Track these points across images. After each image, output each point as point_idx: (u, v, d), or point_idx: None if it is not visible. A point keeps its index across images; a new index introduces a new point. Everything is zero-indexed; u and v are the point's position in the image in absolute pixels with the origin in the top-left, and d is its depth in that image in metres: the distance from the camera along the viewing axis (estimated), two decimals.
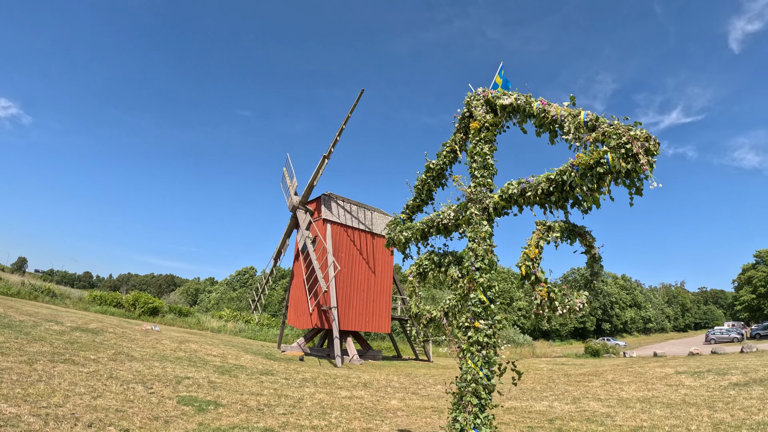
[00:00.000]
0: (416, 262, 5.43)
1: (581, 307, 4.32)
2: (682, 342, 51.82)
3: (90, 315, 24.98)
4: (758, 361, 17.75)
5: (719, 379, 14.06)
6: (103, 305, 32.07)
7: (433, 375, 19.03)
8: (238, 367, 14.45)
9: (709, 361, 20.01)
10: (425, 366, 24.12)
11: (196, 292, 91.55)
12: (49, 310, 22.19)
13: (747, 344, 25.27)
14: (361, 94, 22.92)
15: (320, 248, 23.17)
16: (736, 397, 11.22)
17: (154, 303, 34.44)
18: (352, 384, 13.99)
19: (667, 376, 16.40)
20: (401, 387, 14.28)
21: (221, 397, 9.01)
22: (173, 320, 34.95)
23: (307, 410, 8.65)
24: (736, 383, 13.02)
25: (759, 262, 54.83)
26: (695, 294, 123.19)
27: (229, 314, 43.29)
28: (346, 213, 25.72)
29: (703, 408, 10.32)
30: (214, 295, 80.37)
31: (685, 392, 12.70)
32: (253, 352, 20.81)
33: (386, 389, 13.49)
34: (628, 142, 3.53)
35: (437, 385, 15.23)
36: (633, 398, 12.41)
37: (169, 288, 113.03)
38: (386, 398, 11.54)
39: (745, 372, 14.68)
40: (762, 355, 20.80)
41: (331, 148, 23.78)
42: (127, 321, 26.62)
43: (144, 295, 34.93)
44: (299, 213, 24.68)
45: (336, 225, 24.64)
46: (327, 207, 24.81)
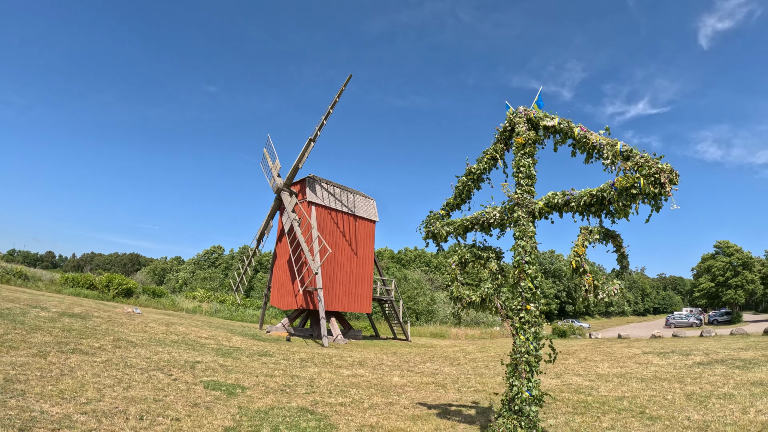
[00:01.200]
0: (458, 253, 6.03)
1: (616, 292, 5.05)
2: (642, 325, 55.25)
3: (67, 298, 24.42)
4: (717, 344, 19.45)
5: (684, 359, 15.44)
6: (76, 287, 31.27)
7: (417, 353, 19.85)
8: (235, 349, 14.74)
9: (672, 344, 21.70)
10: (405, 345, 24.98)
11: (163, 271, 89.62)
12: (26, 294, 21.58)
13: (706, 329, 27.37)
14: (349, 79, 22.97)
15: (306, 230, 23.41)
16: (702, 373, 12.46)
17: (128, 284, 33.82)
18: (348, 363, 14.56)
19: (635, 356, 17.78)
20: (394, 365, 14.97)
21: (240, 380, 9.35)
22: (148, 301, 34.45)
23: (326, 389, 9.14)
24: (700, 362, 14.38)
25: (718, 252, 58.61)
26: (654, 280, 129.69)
27: (202, 294, 42.96)
28: (329, 196, 25.96)
29: (674, 382, 11.46)
30: (182, 274, 79.00)
31: (654, 369, 13.94)
32: (240, 333, 21.01)
33: (381, 367, 14.13)
34: (657, 173, 4.43)
35: (426, 363, 16.02)
36: (609, 374, 13.54)
37: (133, 267, 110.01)
38: (387, 376, 12.17)
39: (707, 353, 16.15)
40: (721, 339, 22.71)
41: (318, 131, 23.83)
42: (104, 303, 26.11)
43: (117, 277, 34.21)
44: (284, 195, 24.74)
45: (320, 207, 24.88)
46: (312, 189, 24.98)
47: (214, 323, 25.43)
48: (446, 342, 30.15)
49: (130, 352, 10.89)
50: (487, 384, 11.51)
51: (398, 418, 7.18)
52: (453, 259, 6.09)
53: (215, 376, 9.47)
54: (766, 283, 53.29)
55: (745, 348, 17.37)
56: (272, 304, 26.86)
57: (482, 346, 25.79)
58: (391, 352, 19.93)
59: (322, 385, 9.59)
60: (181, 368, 9.84)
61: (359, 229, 27.23)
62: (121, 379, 7.91)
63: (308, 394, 8.46)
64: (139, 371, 8.88)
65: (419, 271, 63.99)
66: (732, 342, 20.17)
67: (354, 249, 26.57)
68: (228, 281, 60.99)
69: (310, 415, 6.89)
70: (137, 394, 7.08)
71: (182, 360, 10.94)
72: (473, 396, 9.70)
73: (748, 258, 55.70)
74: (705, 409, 8.19)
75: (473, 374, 13.48)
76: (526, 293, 5.22)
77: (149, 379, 8.32)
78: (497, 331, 42.07)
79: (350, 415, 7.22)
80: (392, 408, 7.96)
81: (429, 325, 41.51)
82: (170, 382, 8.31)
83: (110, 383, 7.52)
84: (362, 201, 28.24)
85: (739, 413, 7.73)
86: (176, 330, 17.27)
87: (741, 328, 27.27)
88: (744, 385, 10.29)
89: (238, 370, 10.50)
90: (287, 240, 26.15)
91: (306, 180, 25.16)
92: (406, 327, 29.28)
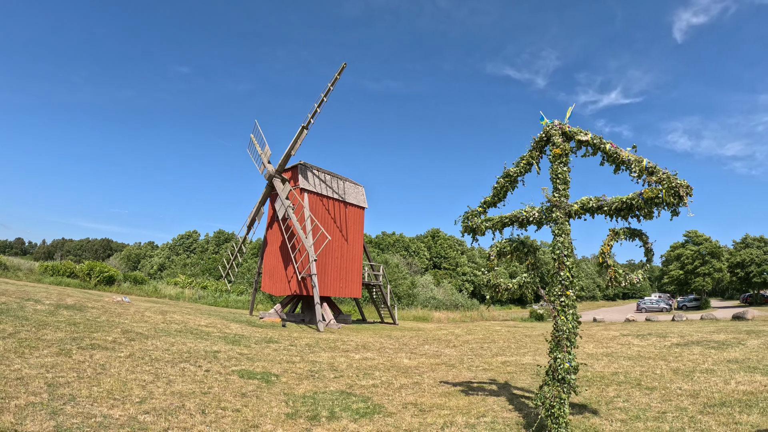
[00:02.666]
0: (496, 245, 6.73)
1: (638, 281, 5.95)
2: (614, 310, 57.98)
3: (52, 288, 24.00)
4: (690, 327, 20.99)
5: (662, 341, 16.70)
6: (56, 276, 30.65)
7: (411, 336, 20.61)
8: (241, 337, 15.08)
9: (647, 327, 23.22)
10: (395, 329, 25.78)
11: (137, 257, 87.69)
12: (12, 286, 21.09)
13: (677, 314, 29.28)
14: (343, 68, 23.12)
15: (302, 218, 23.68)
16: (682, 353, 13.63)
17: (110, 271, 33.33)
18: (353, 347, 15.15)
19: (616, 338, 19.04)
20: (396, 348, 15.66)
21: (267, 367, 9.75)
22: (130, 288, 34.02)
23: (351, 372, 9.72)
24: (677, 344, 15.63)
25: (688, 240, 61.87)
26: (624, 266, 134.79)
27: (184, 281, 42.65)
28: (321, 182, 26.24)
29: (658, 360, 12.55)
30: (156, 259, 77.63)
31: (637, 349, 15.10)
32: (235, 320, 21.27)
33: (386, 351, 14.79)
34: (676, 187, 5.41)
35: (425, 345, 16.78)
36: (598, 353, 14.60)
37: (105, 253, 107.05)
38: (396, 358, 12.84)
39: (682, 336, 17.50)
40: (692, 323, 24.39)
41: (311, 119, 23.95)
42: (89, 292, 25.74)
43: (99, 264, 33.65)
44: (276, 182, 24.88)
45: (312, 194, 25.16)
46: (303, 176, 25.19)
47: (203, 310, 25.57)
48: (432, 325, 31.16)
49: (146, 345, 11.00)
50: (491, 363, 12.33)
51: (432, 396, 7.84)
52: (492, 250, 6.77)
53: (241, 365, 9.83)
54: (733, 272, 56.77)
55: (716, 331, 18.87)
56: (264, 290, 27.12)
57: (468, 329, 26.86)
58: (386, 335, 20.63)
59: (344, 369, 10.15)
60: (205, 359, 10.13)
61: (349, 215, 27.67)
62: (157, 374, 8.02)
63: (338, 378, 9.00)
64: (169, 364, 9.01)
65: (398, 255, 64.97)
66: (703, 326, 21.78)
67: (345, 235, 27.03)
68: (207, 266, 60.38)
69: (354, 397, 7.45)
70: (183, 389, 7.23)
71: (200, 350, 11.22)
72: (486, 374, 10.46)
73: (716, 247, 59.05)
74: (692, 381, 9.18)
75: (473, 355, 14.30)
76: (565, 281, 5.99)
77: (183, 371, 8.50)
78: (476, 315, 43.61)
79: (387, 395, 7.82)
80: (420, 387, 8.63)
81: (411, 309, 42.53)
82: (204, 373, 8.57)
83: (149, 379, 7.60)
84: (352, 188, 28.63)
85: (722, 384, 8.75)
86: (173, 319, 17.41)
87: (710, 313, 29.30)
88: (722, 363, 11.43)
89: (258, 358, 10.91)
90: (278, 226, 26.36)
91: (298, 167, 25.33)
92: (394, 311, 30.08)
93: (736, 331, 18.74)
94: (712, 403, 7.31)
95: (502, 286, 6.75)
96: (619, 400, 7.73)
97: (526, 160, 6.72)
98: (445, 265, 76.82)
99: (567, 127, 6.42)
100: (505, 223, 6.76)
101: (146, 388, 7.04)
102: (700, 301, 54.21)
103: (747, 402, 7.21)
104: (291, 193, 24.27)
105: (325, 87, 23.38)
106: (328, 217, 26.07)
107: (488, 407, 7.13)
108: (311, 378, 8.93)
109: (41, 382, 6.54)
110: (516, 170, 6.78)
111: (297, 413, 6.42)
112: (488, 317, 43.20)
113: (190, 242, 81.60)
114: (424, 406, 7.07)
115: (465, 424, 6.15)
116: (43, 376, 6.86)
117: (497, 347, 16.56)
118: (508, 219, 6.72)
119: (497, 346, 17.11)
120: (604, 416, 6.66)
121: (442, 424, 6.12)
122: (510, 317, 44.09)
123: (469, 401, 7.50)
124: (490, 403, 7.45)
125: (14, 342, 8.84)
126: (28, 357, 7.91)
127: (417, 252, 74.76)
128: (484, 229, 6.91)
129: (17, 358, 7.70)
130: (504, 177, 6.84)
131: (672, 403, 7.40)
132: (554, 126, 6.50)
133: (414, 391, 8.18)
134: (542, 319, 37.73)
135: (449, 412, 6.72)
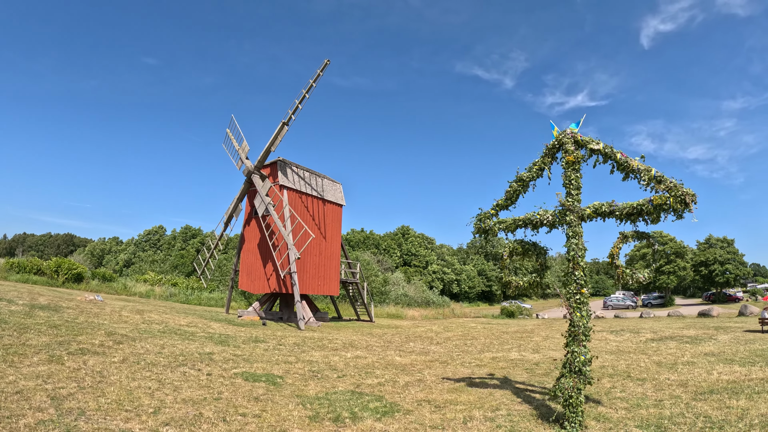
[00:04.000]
0: (509, 245, 6.96)
1: (644, 279, 6.39)
2: None
3: (20, 286, 22.82)
4: (659, 324, 22.05)
5: (636, 337, 17.49)
6: (23, 273, 29.17)
7: (392, 333, 20.74)
8: (227, 337, 14.74)
9: (618, 323, 24.21)
10: (373, 326, 25.85)
11: (101, 252, 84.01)
12: None
13: (645, 311, 30.69)
14: (326, 65, 22.99)
15: (281, 215, 23.40)
16: (659, 347, 14.33)
17: (78, 269, 31.95)
18: (340, 346, 15.14)
19: (592, 334, 19.80)
20: (383, 345, 15.75)
21: (267, 369, 9.61)
22: (99, 286, 32.67)
23: (351, 372, 9.74)
24: (652, 339, 16.41)
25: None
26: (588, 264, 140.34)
27: (153, 278, 41.33)
28: (300, 179, 25.99)
29: (639, 354, 13.16)
30: (122, 256, 74.77)
31: (615, 345, 15.76)
32: (213, 318, 20.81)
33: (374, 349, 14.86)
34: (683, 194, 5.88)
35: (409, 343, 16.95)
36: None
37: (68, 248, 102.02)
38: (387, 356, 12.92)
39: (654, 332, 18.38)
40: (660, 320, 25.65)
41: (292, 115, 23.65)
42: (58, 290, 24.61)
43: (67, 261, 32.20)
44: (255, 178, 24.47)
45: (292, 191, 24.89)
46: (283, 173, 24.89)
47: (177, 308, 24.88)
48: (407, 322, 31.42)
49: (136, 348, 10.60)
50: (482, 360, 12.61)
51: (440, 392, 7.99)
52: (505, 250, 7.01)
53: (240, 367, 9.63)
54: (697, 270, 60.04)
55: (685, 327, 19.96)
56: (241, 288, 26.65)
57: (444, 326, 27.27)
58: (367, 333, 20.69)
59: (343, 369, 10.16)
60: (201, 361, 9.86)
61: (327, 212, 27.54)
62: (159, 381, 7.79)
63: (342, 378, 9.01)
64: (167, 369, 8.77)
65: (369, 252, 65.05)
66: (672, 323, 22.96)
67: (323, 233, 26.88)
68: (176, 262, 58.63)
69: (367, 397, 7.49)
70: (192, 395, 7.04)
71: (193, 352, 10.90)
72: (481, 370, 10.71)
73: (681, 247, 62.47)
74: (677, 373, 9.73)
75: (460, 352, 14.57)
76: (580, 281, 6.26)
77: (185, 376, 8.30)
78: (448, 312, 44.28)
79: (397, 393, 7.91)
80: (425, 384, 8.76)
81: (384, 306, 42.69)
82: (207, 377, 8.35)
83: (154, 386, 7.38)
84: (330, 185, 28.50)
85: (705, 375, 9.35)
86: (152, 318, 16.89)
87: (677, 310, 30.88)
88: (699, 356, 12.12)
89: (255, 359, 10.74)
90: (257, 223, 25.94)
91: (277, 163, 25.00)
92: (371, 308, 30.17)
93: (705, 327, 19.86)
94: (702, 390, 7.83)
95: (513, 283, 7.00)
96: (616, 390, 8.13)
97: (539, 166, 7.02)
98: (415, 262, 77.52)
99: (579, 136, 6.75)
100: (519, 225, 7.02)
101: (154, 396, 6.83)
102: (664, 299, 56.98)
103: (733, 389, 7.77)
104: (271, 189, 23.93)
105: (307, 83, 23.15)
106: (307, 214, 25.87)
107: (499, 401, 7.35)
108: (315, 378, 8.89)
109: (43, 395, 6.17)
110: (529, 175, 7.06)
111: (318, 416, 6.37)
112: (460, 314, 43.92)
113: (156, 238, 78.95)
114: (437, 403, 7.21)
115: (484, 418, 6.32)
116: (42, 387, 6.50)
117: (480, 344, 16.92)
118: (521, 221, 6.98)
119: (480, 342, 17.47)
120: (608, 405, 7.04)
121: (462, 419, 6.27)
122: (481, 314, 44.98)
123: (478, 396, 7.69)
124: (498, 397, 7.67)
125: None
126: (19, 366, 7.51)
127: (387, 249, 75.12)
128: (497, 230, 7.12)
129: (8, 367, 7.31)
130: (517, 181, 7.11)
131: (665, 392, 7.87)
132: (566, 134, 6.81)
133: (421, 389, 8.30)
134: (513, 316, 38.68)
135: (464, 407, 6.88)
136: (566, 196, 6.64)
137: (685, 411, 6.57)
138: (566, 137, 6.78)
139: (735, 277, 58.35)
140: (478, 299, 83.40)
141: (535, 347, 15.87)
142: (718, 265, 56.90)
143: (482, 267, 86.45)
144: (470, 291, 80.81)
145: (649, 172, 6.19)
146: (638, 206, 6.31)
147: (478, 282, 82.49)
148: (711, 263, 57.41)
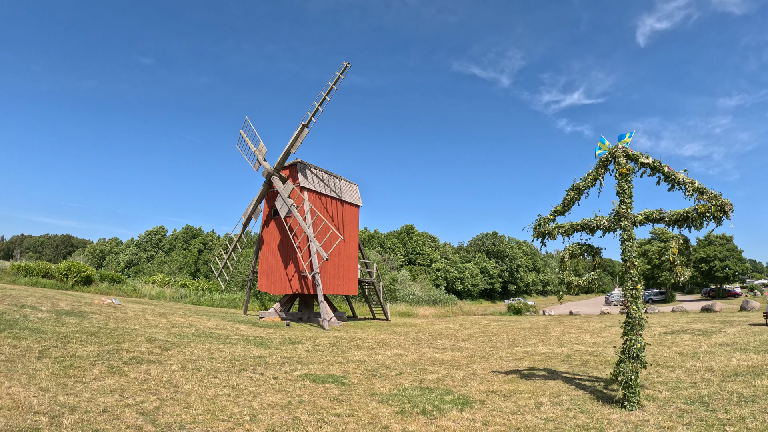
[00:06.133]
0: (569, 248, 7.74)
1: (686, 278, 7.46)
2: (582, 303, 61.23)
3: (31, 290, 23.10)
4: (665, 319, 22.88)
5: (649, 330, 18.22)
6: (31, 276, 29.60)
7: (415, 332, 21.42)
8: (262, 339, 15.17)
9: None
10: (390, 324, 26.56)
11: (102, 253, 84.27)
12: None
13: (649, 307, 31.62)
14: (346, 68, 23.59)
15: (303, 216, 24.04)
16: (674, 340, 15.10)
17: (87, 271, 32.46)
18: (375, 345, 15.80)
19: (603, 329, 20.56)
20: (413, 344, 16.44)
21: (326, 370, 10.07)
22: (109, 289, 33.05)
23: (406, 369, 10.46)
24: (664, 332, 17.18)
25: (654, 237, 66.47)
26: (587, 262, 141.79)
27: (162, 279, 41.85)
28: (319, 181, 26.65)
29: (658, 346, 13.91)
30: (123, 257, 75.06)
31: None
32: (236, 320, 21.28)
33: (407, 347, 15.54)
34: (722, 204, 6.78)
35: (436, 341, 17.64)
36: (600, 342, 15.90)
37: (66, 249, 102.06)
38: (426, 354, 13.63)
39: (664, 326, 19.18)
40: (665, 315, 26.52)
41: (312, 117, 24.27)
42: (70, 294, 24.88)
43: (76, 264, 32.71)
44: (276, 180, 25.10)
45: (312, 192, 25.55)
46: (303, 174, 25.53)
47: (194, 310, 25.33)
48: (420, 320, 32.13)
49: (185, 354, 10.81)
50: (516, 354, 13.35)
51: (499, 383, 8.75)
52: (565, 252, 7.80)
53: (299, 369, 10.05)
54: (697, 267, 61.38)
55: (692, 321, 20.79)
56: (261, 289, 27.27)
57: (460, 323, 28.00)
58: (390, 331, 21.37)
59: (394, 366, 10.85)
60: (258, 365, 10.21)
61: (346, 213, 28.22)
62: (233, 387, 7.94)
63: (401, 375, 9.71)
64: (231, 374, 8.96)
65: (375, 251, 65.76)
66: (678, 318, 23.81)
67: (342, 233, 27.55)
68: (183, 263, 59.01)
69: (438, 391, 8.21)
70: (275, 400, 7.23)
71: (243, 356, 11.26)
72: (522, 363, 11.47)
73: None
74: (700, 361, 10.57)
75: (490, 348, 15.27)
76: (634, 278, 7.14)
77: (253, 381, 8.49)
78: (456, 309, 45.14)
79: (461, 386, 8.66)
80: (480, 377, 9.52)
81: (394, 305, 43.44)
82: (275, 381, 8.71)
83: (232, 393, 7.48)
84: (347, 186, 29.17)
85: (726, 361, 10.21)
86: (177, 321, 17.22)
87: (680, 306, 31.87)
88: (715, 346, 12.92)
89: (306, 361, 11.28)
90: (276, 225, 26.57)
91: (297, 165, 25.64)
92: (386, 307, 30.90)
93: (711, 321, 20.69)
94: (728, 374, 8.78)
95: (574, 283, 7.74)
96: (653, 376, 8.97)
97: (593, 176, 7.83)
98: (419, 261, 78.42)
99: (630, 151, 7.59)
100: (576, 229, 7.80)
101: (239, 403, 6.87)
102: (666, 295, 58.22)
103: (755, 372, 8.76)
104: (293, 191, 24.56)
105: (327, 86, 23.73)
106: (327, 215, 26.53)
107: (556, 389, 8.11)
108: (376, 377, 9.54)
109: (131, 411, 6.03)
110: (584, 184, 7.86)
111: (405, 411, 6.94)
112: (468, 312, 44.74)
113: (158, 239, 79.32)
114: (503, 393, 7.97)
115: (551, 403, 7.10)
116: (125, 403, 6.39)
117: (505, 340, 17.63)
118: (579, 226, 7.76)
119: (504, 339, 18.19)
120: (652, 388, 7.89)
121: (533, 405, 7.04)
122: (488, 311, 45.87)
123: (535, 385, 8.45)
124: (552, 385, 8.43)
125: (53, 363, 8.31)
126: (85, 381, 7.39)
127: (393, 248, 75.90)
128: (557, 234, 7.88)
129: (76, 383, 7.19)
130: (573, 190, 7.90)
131: (696, 376, 8.77)
132: (619, 149, 7.61)
133: (480, 381, 9.04)
134: (520, 313, 39.51)
135: (529, 395, 7.65)
136: (620, 204, 7.45)
137: (718, 390, 7.51)
138: (618, 151, 7.58)
139: (735, 273, 59.75)
140: (480, 297, 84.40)
141: (557, 342, 16.59)
142: (719, 262, 58.21)
143: (484, 265, 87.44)
144: (473, 289, 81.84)
145: (693, 184, 7.03)
146: (684, 213, 7.16)
147: (480, 280, 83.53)
148: (711, 259, 58.73)
